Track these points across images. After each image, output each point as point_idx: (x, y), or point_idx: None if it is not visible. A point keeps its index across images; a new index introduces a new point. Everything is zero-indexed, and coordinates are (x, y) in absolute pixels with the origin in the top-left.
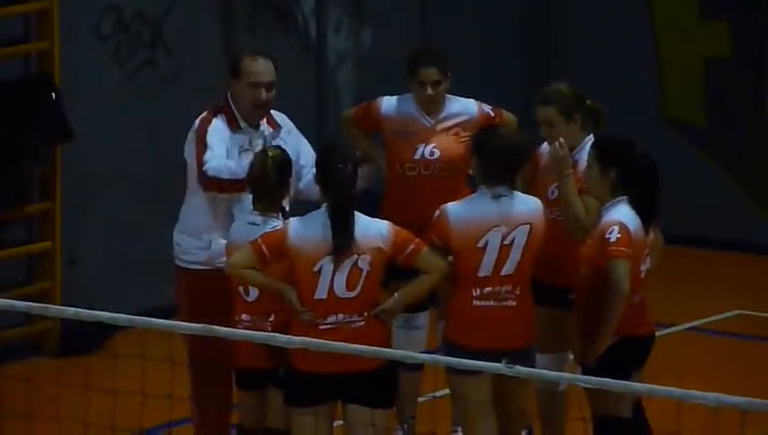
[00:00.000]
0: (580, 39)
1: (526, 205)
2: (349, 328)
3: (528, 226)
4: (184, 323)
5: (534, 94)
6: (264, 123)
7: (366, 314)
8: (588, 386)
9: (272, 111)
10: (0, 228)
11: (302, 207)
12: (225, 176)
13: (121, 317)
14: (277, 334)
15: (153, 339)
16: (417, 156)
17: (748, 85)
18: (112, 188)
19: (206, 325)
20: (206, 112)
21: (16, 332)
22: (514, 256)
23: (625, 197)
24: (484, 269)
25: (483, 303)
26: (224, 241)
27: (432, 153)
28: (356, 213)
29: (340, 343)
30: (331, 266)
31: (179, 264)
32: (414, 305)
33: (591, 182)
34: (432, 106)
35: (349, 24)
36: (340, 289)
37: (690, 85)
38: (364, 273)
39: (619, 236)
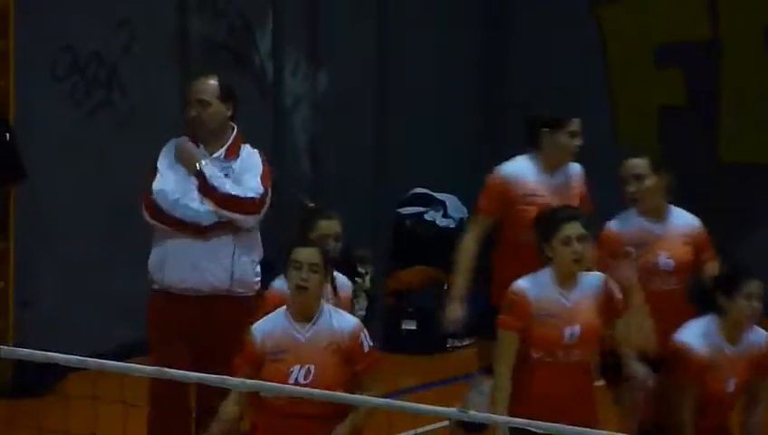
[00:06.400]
0: (534, 83)
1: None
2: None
3: None
4: (137, 366)
5: (489, 139)
6: (222, 150)
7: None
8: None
9: (247, 147)
10: None
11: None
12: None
13: (74, 359)
14: (230, 378)
15: (106, 381)
16: None
17: (701, 132)
18: (66, 229)
19: (160, 368)
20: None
21: None
22: None
23: None
24: None
25: None
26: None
27: None
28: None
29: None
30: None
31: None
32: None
33: None
34: None
35: (305, 66)
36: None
37: (644, 132)
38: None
39: None
